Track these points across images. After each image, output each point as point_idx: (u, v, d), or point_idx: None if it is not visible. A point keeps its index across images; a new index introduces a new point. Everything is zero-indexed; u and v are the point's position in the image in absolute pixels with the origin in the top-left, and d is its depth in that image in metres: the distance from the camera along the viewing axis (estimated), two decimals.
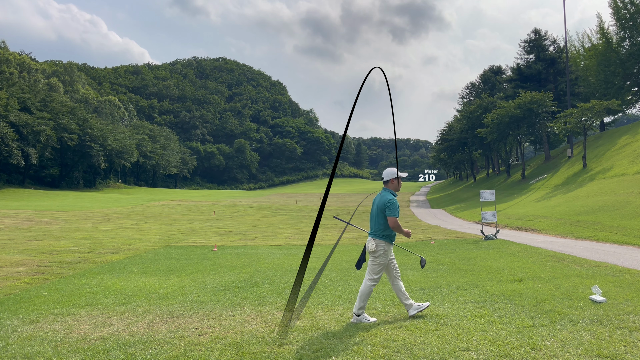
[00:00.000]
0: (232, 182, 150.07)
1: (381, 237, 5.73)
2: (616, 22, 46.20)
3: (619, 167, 29.49)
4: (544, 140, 51.50)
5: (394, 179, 5.94)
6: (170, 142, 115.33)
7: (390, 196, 5.75)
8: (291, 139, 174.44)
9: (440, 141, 71.23)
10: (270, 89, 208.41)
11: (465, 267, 9.88)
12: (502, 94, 60.23)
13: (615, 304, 6.11)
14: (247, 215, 34.68)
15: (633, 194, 20.80)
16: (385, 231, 5.73)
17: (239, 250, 14.48)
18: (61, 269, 10.35)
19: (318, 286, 7.98)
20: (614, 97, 44.78)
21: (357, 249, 14.51)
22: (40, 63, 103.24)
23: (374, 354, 4.49)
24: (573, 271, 8.89)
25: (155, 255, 12.95)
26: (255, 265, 10.80)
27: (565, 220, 19.80)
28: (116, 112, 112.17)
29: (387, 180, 5.96)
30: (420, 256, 7.09)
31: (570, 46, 54.92)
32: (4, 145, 57.60)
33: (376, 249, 5.72)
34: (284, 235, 21.00)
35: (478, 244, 14.44)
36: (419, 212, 38.69)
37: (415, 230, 22.42)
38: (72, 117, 73.66)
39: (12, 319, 5.94)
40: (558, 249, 12.41)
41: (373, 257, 5.78)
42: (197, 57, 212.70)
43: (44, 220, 25.19)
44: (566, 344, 4.59)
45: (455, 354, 4.46)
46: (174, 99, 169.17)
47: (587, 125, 37.09)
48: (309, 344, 4.75)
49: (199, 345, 4.81)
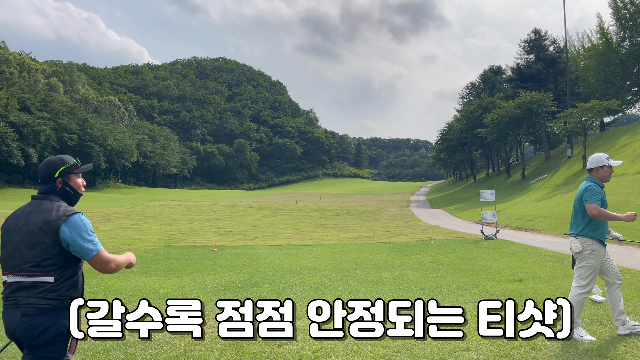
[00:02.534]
0: (232, 182, 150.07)
1: (585, 234, 4.90)
2: (616, 22, 46.18)
3: (619, 167, 29.48)
4: (544, 140, 51.50)
5: (599, 167, 5.00)
6: (170, 142, 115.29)
7: (591, 182, 4.95)
8: (291, 139, 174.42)
9: (440, 141, 71.24)
10: (270, 89, 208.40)
11: (465, 267, 9.88)
12: (502, 94, 60.20)
13: None
14: (247, 215, 34.68)
15: (633, 194, 20.80)
16: (589, 225, 4.89)
17: (238, 250, 14.48)
18: None
19: (318, 286, 7.98)
20: (614, 97, 44.73)
21: (357, 249, 14.51)
22: (40, 63, 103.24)
23: (374, 354, 4.49)
24: (573, 271, 8.88)
25: (155, 255, 12.95)
26: (255, 265, 10.79)
27: (565, 220, 19.79)
28: (116, 112, 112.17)
29: (592, 168, 5.05)
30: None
31: (570, 46, 54.94)
32: (4, 145, 57.61)
33: (581, 249, 4.89)
34: (284, 235, 21.00)
35: (478, 244, 14.44)
36: (419, 212, 38.70)
37: (415, 230, 22.41)
38: (72, 117, 73.66)
39: None
40: (558, 249, 12.40)
41: (579, 259, 4.98)
42: (197, 57, 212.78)
43: None
44: (566, 344, 4.59)
45: (455, 354, 4.47)
46: (174, 99, 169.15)
47: (587, 125, 37.09)
48: (309, 344, 4.75)
49: (199, 345, 4.81)
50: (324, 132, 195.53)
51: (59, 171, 2.86)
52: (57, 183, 2.86)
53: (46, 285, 2.63)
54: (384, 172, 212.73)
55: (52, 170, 2.85)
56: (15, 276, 2.65)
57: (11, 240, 2.71)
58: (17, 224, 2.73)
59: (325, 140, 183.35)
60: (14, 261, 2.66)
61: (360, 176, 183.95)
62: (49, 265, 2.64)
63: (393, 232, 21.49)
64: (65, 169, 2.89)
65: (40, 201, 2.79)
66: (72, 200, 2.94)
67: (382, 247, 14.92)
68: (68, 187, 2.92)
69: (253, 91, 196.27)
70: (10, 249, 2.70)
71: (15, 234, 2.71)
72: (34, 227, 2.67)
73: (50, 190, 2.84)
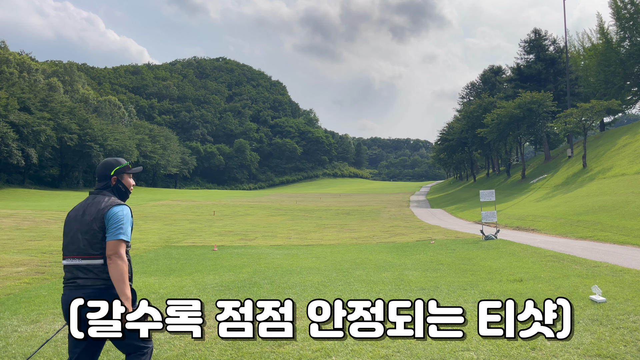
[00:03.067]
0: (232, 182, 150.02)
1: None
2: (616, 22, 46.18)
3: (619, 167, 29.48)
4: (544, 140, 51.48)
5: None
6: (170, 142, 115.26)
7: None
8: (291, 138, 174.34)
9: (440, 141, 71.21)
10: (270, 89, 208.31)
11: (465, 267, 9.88)
12: (502, 94, 60.19)
13: (615, 304, 6.11)
14: (247, 215, 34.68)
15: (633, 194, 20.79)
16: None
17: (239, 250, 14.48)
18: (61, 269, 10.35)
19: (318, 286, 7.98)
20: (614, 97, 44.74)
21: (357, 249, 14.51)
22: (40, 63, 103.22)
23: (374, 354, 4.49)
24: (573, 271, 8.89)
25: (155, 255, 12.95)
26: (255, 265, 10.79)
27: (565, 220, 19.79)
28: (116, 112, 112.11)
29: None
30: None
31: (570, 46, 54.94)
32: (4, 145, 57.58)
33: None
34: (284, 235, 21.00)
35: (478, 244, 14.44)
36: (419, 212, 38.69)
37: (415, 230, 22.41)
38: (72, 117, 73.61)
39: (12, 319, 5.94)
40: (558, 249, 12.40)
41: None
42: (197, 57, 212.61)
43: (43, 220, 25.19)
44: (566, 344, 4.59)
45: (455, 354, 4.47)
46: (174, 99, 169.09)
47: (587, 125, 37.08)
48: (309, 344, 4.75)
49: (199, 345, 4.81)
50: (324, 132, 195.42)
51: (114, 170, 3.32)
52: (112, 180, 3.31)
53: (98, 267, 3.03)
54: (384, 172, 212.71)
55: (108, 169, 3.31)
56: (72, 259, 3.07)
57: (71, 228, 3.16)
58: (77, 215, 3.18)
59: (325, 140, 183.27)
60: (72, 246, 3.09)
61: (360, 176, 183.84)
62: (98, 250, 3.04)
63: (393, 232, 21.49)
64: (120, 168, 3.34)
65: (95, 195, 3.24)
66: (122, 196, 3.37)
67: (382, 247, 14.92)
68: (120, 185, 3.36)
69: (253, 91, 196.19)
70: (70, 236, 3.14)
71: (74, 223, 3.16)
72: (89, 216, 3.10)
73: (105, 187, 3.30)
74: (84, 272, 3.03)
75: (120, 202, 3.18)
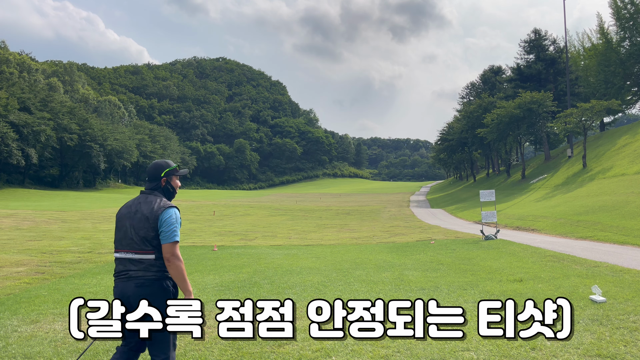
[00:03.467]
0: (232, 182, 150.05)
1: None
2: (616, 22, 46.18)
3: (619, 167, 29.48)
4: (544, 140, 51.48)
5: None
6: (170, 142, 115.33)
7: None
8: (291, 139, 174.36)
9: (440, 141, 71.20)
10: (270, 89, 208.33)
11: (465, 267, 9.88)
12: (502, 94, 60.18)
13: (615, 304, 6.11)
14: (247, 215, 34.68)
15: (633, 194, 20.79)
16: None
17: (239, 250, 14.47)
18: (61, 269, 10.35)
19: (318, 286, 7.98)
20: (614, 97, 44.73)
21: (357, 249, 14.51)
22: (40, 63, 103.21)
23: (374, 354, 4.49)
24: (573, 271, 8.89)
25: None
26: (255, 265, 10.79)
27: (565, 220, 19.79)
28: (116, 112, 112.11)
29: None
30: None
31: (570, 46, 54.94)
32: (4, 145, 57.57)
33: None
34: (284, 235, 21.00)
35: (478, 244, 14.44)
36: (419, 212, 38.69)
37: (415, 230, 22.41)
38: (72, 117, 73.60)
39: (12, 319, 5.94)
40: (558, 249, 12.40)
41: None
42: (197, 57, 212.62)
43: (44, 220, 25.19)
44: (566, 344, 4.59)
45: (455, 354, 4.47)
46: (174, 99, 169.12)
47: (587, 125, 37.08)
48: (309, 344, 4.75)
49: (199, 345, 4.81)
50: (324, 132, 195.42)
51: (164, 172, 3.51)
52: (162, 182, 3.50)
53: (149, 261, 3.24)
54: (384, 172, 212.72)
55: (159, 171, 3.51)
56: (126, 253, 3.28)
57: (123, 224, 3.36)
58: (130, 212, 3.37)
59: (325, 140, 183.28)
60: (126, 241, 3.30)
61: (360, 176, 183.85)
62: (150, 246, 3.25)
63: (393, 232, 21.49)
64: (169, 170, 3.53)
65: (147, 195, 3.43)
66: (170, 196, 3.57)
67: (382, 247, 14.92)
68: (169, 186, 3.56)
69: (253, 91, 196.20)
70: (123, 231, 3.34)
71: (127, 220, 3.35)
72: (142, 215, 3.30)
73: (156, 187, 3.49)
74: (136, 264, 3.24)
75: (170, 204, 3.37)
